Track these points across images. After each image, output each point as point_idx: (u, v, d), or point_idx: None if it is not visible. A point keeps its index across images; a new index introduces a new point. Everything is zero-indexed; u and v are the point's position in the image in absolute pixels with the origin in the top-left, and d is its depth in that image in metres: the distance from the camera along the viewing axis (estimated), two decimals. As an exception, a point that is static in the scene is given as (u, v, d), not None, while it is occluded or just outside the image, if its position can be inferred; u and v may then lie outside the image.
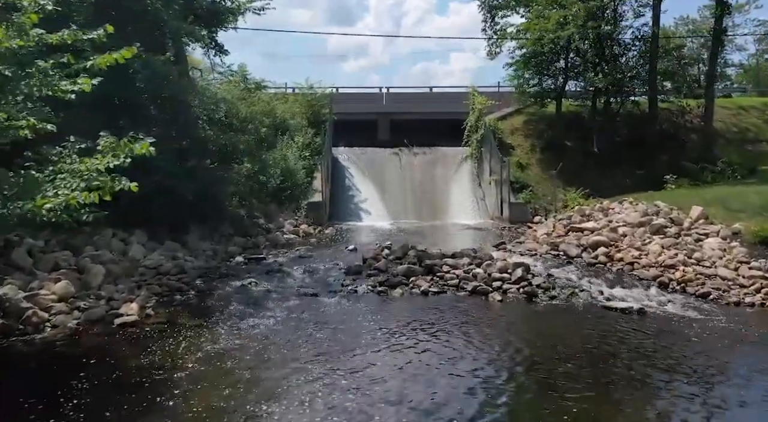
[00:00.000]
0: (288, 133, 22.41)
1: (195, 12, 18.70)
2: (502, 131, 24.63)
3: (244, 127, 15.34)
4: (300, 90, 25.52)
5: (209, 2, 20.18)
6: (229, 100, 14.84)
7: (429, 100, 30.29)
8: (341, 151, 26.52)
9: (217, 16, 22.47)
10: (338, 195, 23.26)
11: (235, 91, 15.85)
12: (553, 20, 20.67)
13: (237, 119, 14.97)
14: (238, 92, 15.02)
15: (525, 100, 24.45)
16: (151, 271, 10.43)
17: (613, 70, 20.82)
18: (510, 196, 19.62)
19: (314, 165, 21.29)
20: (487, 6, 27.15)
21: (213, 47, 24.19)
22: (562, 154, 23.29)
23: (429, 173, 25.05)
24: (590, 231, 13.16)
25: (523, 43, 22.55)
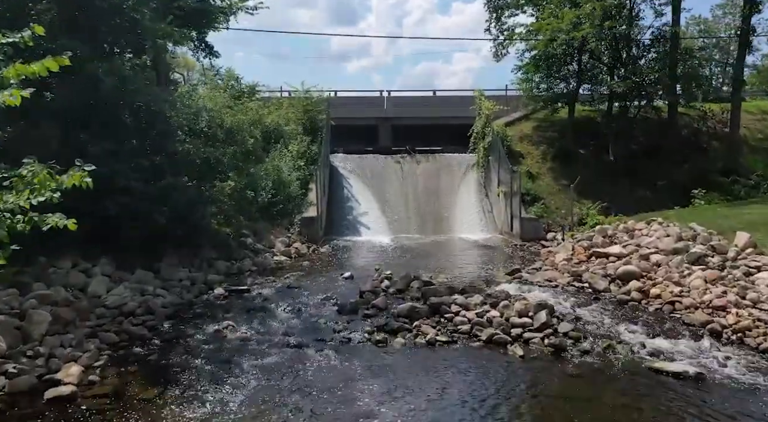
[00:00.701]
0: (282, 141, 20.94)
1: (176, 12, 17.25)
2: (510, 138, 23.12)
3: (230, 138, 13.84)
4: (295, 94, 24.01)
5: (195, 1, 18.75)
6: (213, 109, 13.33)
7: (432, 104, 28.78)
8: (340, 158, 25.04)
9: (206, 15, 21.09)
10: (336, 207, 21.77)
11: (220, 98, 14.35)
12: (567, 20, 19.15)
13: (222, 129, 13.47)
14: (223, 100, 13.55)
15: (535, 105, 22.90)
16: (111, 311, 8.95)
17: (632, 73, 19.28)
18: (521, 210, 18.10)
19: (309, 176, 19.80)
20: (492, 5, 25.65)
21: (202, 49, 22.89)
22: (575, 163, 21.76)
23: (433, 182, 23.55)
24: (616, 257, 11.65)
25: (532, 44, 21.00)
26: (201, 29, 21.27)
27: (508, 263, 13.75)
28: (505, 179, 20.19)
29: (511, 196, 18.93)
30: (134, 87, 10.66)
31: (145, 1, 12.19)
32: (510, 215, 18.94)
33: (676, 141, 21.89)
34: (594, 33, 18.77)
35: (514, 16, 25.52)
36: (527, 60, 23.53)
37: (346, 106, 28.00)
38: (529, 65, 22.71)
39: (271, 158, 19.04)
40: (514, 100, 26.88)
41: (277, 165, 18.63)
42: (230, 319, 9.03)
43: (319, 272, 12.98)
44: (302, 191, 18.99)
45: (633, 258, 11.28)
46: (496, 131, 21.83)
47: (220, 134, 13.40)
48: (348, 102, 28.36)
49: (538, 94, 22.34)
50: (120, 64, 10.38)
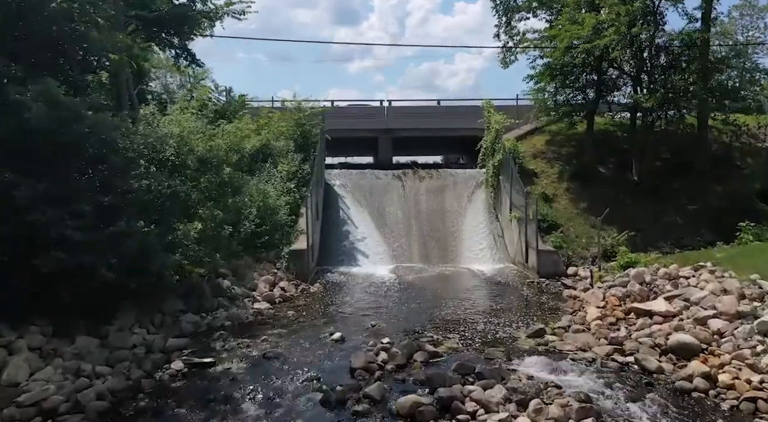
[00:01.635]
0: (270, 159, 18.92)
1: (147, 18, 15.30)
2: (522, 155, 21.06)
3: (204, 167, 11.83)
4: (289, 104, 21.95)
5: (171, 6, 16.78)
6: (182, 135, 11.32)
7: (436, 114, 26.75)
8: (336, 175, 23.07)
9: (187, 21, 19.16)
10: (330, 231, 19.76)
11: (192, 121, 12.31)
12: (588, 26, 17.09)
13: (193, 158, 11.45)
14: (194, 123, 11.55)
15: (552, 118, 20.83)
16: (26, 411, 6.93)
17: (661, 85, 17.20)
18: (537, 240, 16.02)
19: (300, 199, 17.77)
20: (501, 8, 23.63)
21: (184, 57, 20.93)
22: (594, 183, 19.74)
23: (437, 202, 21.53)
24: (662, 317, 9.60)
25: (548, 53, 18.94)
26: (182, 36, 19.38)
27: (528, 314, 11.70)
28: (518, 201, 18.15)
29: (525, 223, 16.87)
30: (72, 113, 8.64)
31: (98, 9, 10.20)
32: (524, 245, 16.88)
33: (706, 158, 19.81)
34: (618, 40, 16.68)
35: (525, 20, 23.54)
36: (540, 68, 21.54)
37: (343, 117, 26.00)
38: (543, 75, 20.66)
39: (257, 181, 17.03)
40: (525, 111, 24.85)
41: (263, 189, 16.62)
42: (182, 418, 7.01)
43: (304, 328, 10.94)
44: (292, 218, 16.95)
45: (685, 320, 9.23)
46: (507, 147, 19.78)
47: (191, 163, 11.37)
48: (346, 113, 26.36)
49: (554, 106, 20.22)
50: (53, 85, 8.34)
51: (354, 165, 25.88)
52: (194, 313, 11.05)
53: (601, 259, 15.76)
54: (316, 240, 18.01)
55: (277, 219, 16.21)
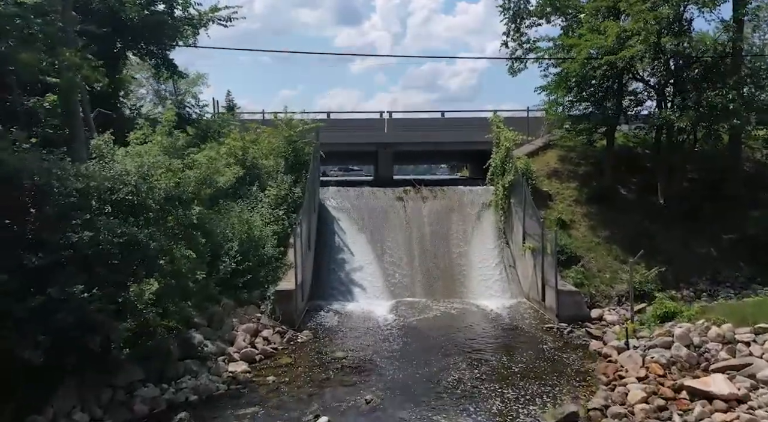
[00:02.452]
0: (257, 183, 17.10)
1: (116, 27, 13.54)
2: (536, 175, 19.20)
3: (169, 205, 10.01)
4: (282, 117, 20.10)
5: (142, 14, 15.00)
6: (140, 172, 9.49)
7: (440, 127, 24.92)
8: (331, 194, 21.26)
9: (166, 30, 17.46)
10: (324, 259, 17.93)
11: (152, 154, 10.43)
12: (611, 35, 15.26)
13: (156, 196, 9.64)
14: (153, 159, 9.72)
15: (567, 135, 18.99)
16: None
17: (695, 101, 15.33)
18: (556, 277, 14.14)
19: (290, 228, 15.95)
20: (510, 13, 21.80)
21: (165, 68, 19.22)
22: (615, 207, 17.89)
23: (442, 225, 19.69)
24: (725, 402, 7.76)
25: (565, 63, 17.09)
26: (160, 45, 17.64)
27: (553, 381, 9.84)
28: (532, 229, 16.31)
29: (542, 256, 15.00)
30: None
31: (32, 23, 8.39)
32: (541, 281, 15.02)
33: (740, 179, 17.95)
34: (645, 51, 14.84)
35: (536, 26, 21.71)
36: (552, 78, 19.74)
37: (341, 130, 24.27)
38: (557, 86, 18.82)
39: (241, 209, 15.22)
40: (536, 124, 23.04)
41: (247, 219, 14.81)
42: None
43: (284, 404, 9.09)
44: (280, 250, 15.13)
45: (758, 411, 7.37)
46: (519, 167, 17.93)
47: (153, 203, 9.56)
48: (343, 126, 24.64)
49: (570, 122, 18.36)
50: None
51: (351, 182, 24.04)
52: (155, 383, 9.24)
53: (629, 300, 13.90)
54: (307, 275, 16.18)
55: (262, 253, 14.41)
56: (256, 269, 14.04)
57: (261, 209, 16.09)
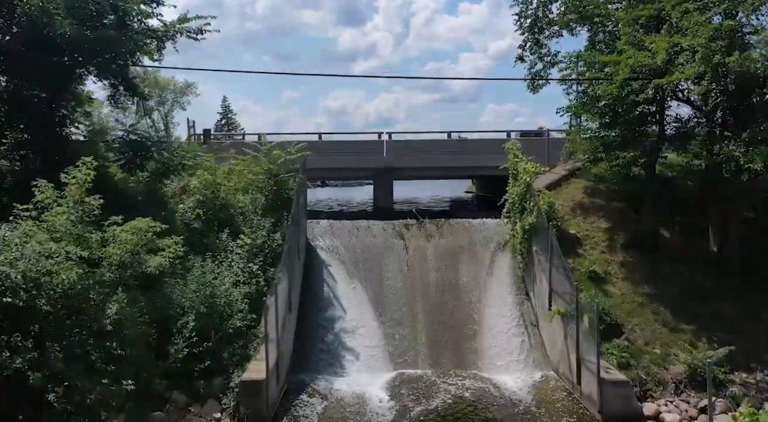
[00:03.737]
0: (228, 229, 14.23)
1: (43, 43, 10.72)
2: (559, 212, 16.29)
3: (70, 307, 7.13)
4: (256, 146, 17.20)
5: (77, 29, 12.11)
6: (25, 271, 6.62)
7: (446, 150, 21.98)
8: (322, 230, 18.43)
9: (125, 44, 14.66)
10: (309, 320, 15.04)
11: (46, 239, 7.49)
12: (660, 52, 12.36)
13: (51, 294, 6.76)
14: (47, 243, 6.88)
15: (602, 168, 16.06)
16: None
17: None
18: (598, 360, 11.13)
19: (266, 287, 13.07)
20: (527, 24, 18.93)
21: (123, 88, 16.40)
22: (658, 255, 14.98)
23: (449, 271, 16.80)
24: None
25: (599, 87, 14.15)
26: (106, 65, 14.80)
27: None
28: (559, 285, 13.40)
29: (576, 325, 12.03)
30: None
31: None
32: (575, 358, 12.03)
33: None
34: (704, 72, 11.92)
35: (558, 38, 18.86)
36: (577, 95, 16.91)
37: (334, 154, 21.41)
38: (583, 108, 15.94)
39: (203, 270, 12.33)
40: (554, 147, 20.17)
41: (210, 281, 11.92)
42: None
43: None
44: (252, 318, 12.23)
45: None
46: (541, 206, 15.01)
47: (46, 306, 6.69)
48: (336, 149, 21.74)
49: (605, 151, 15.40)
50: None
51: (345, 214, 21.19)
52: None
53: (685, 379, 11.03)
54: (287, 344, 13.26)
55: (227, 327, 11.53)
56: (219, 348, 11.18)
57: (231, 264, 13.23)
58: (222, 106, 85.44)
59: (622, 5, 16.41)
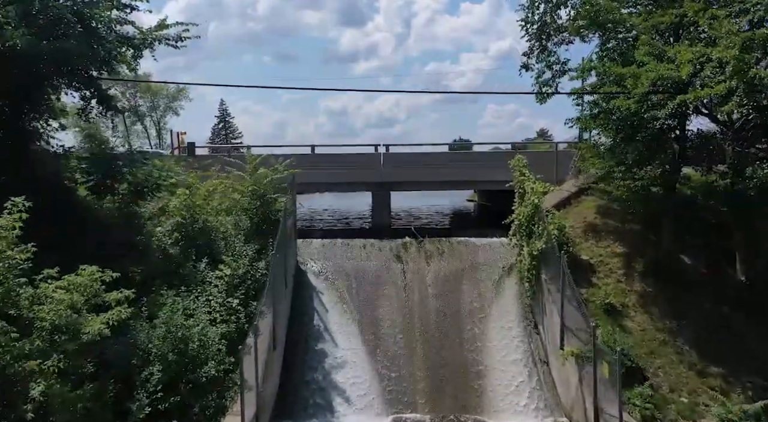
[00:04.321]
0: (206, 258, 12.90)
1: None
2: (570, 235, 14.98)
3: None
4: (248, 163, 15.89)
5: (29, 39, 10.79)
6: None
7: (446, 163, 20.65)
8: (314, 250, 17.22)
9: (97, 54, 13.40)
10: (297, 356, 13.76)
11: None
12: (684, 64, 11.06)
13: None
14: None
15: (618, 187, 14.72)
16: None
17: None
18: (620, 414, 9.82)
19: (247, 324, 11.75)
20: (534, 30, 17.64)
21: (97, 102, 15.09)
22: (680, 284, 13.64)
23: (450, 298, 15.53)
24: None
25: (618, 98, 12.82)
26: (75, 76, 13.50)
27: None
28: (573, 320, 12.09)
29: (594, 370, 10.70)
30: None
31: None
32: (593, 406, 10.70)
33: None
34: (736, 87, 10.61)
35: (568, 44, 17.57)
36: (587, 105, 15.63)
37: (327, 168, 20.12)
38: (594, 122, 14.65)
39: (173, 308, 11.00)
40: (564, 159, 18.87)
41: (182, 323, 10.59)
42: None
43: None
44: (231, 361, 10.87)
45: None
46: (551, 231, 13.69)
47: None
48: (330, 163, 20.43)
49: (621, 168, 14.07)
50: None
51: (339, 232, 19.84)
52: None
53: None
54: (270, 388, 11.96)
55: (200, 375, 10.19)
56: (190, 401, 9.86)
57: (208, 299, 11.92)
58: (219, 109, 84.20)
59: (637, 10, 15.17)
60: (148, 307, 11.08)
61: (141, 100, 42.67)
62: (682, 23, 13.03)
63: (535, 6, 17.12)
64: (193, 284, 12.31)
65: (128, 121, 43.85)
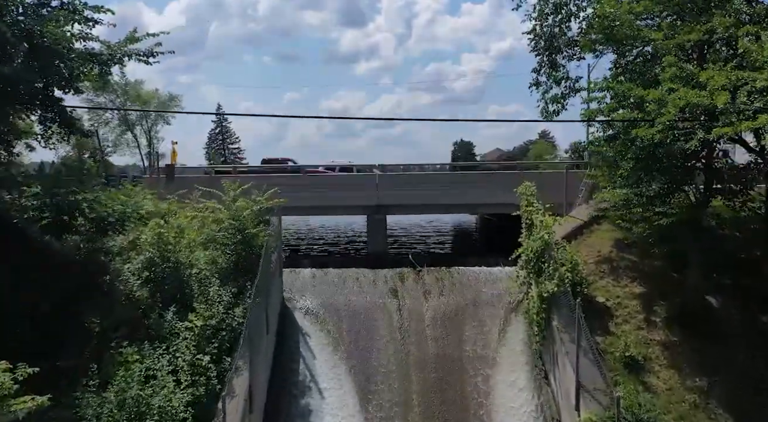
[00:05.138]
0: (173, 307, 11.42)
1: None
2: (583, 272, 13.47)
3: None
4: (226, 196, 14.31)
5: None
6: None
7: (447, 183, 19.20)
8: (303, 282, 16.02)
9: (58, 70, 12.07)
10: (281, 412, 12.25)
11: None
12: (723, 96, 9.58)
13: None
14: None
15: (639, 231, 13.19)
16: None
17: None
18: None
19: (220, 388, 10.27)
20: (544, 45, 16.19)
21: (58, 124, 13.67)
22: (710, 332, 12.15)
23: (451, 341, 14.23)
24: None
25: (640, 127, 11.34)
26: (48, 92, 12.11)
27: None
28: (590, 378, 10.65)
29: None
30: None
31: None
32: (615, 489, 9.27)
33: None
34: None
35: (579, 60, 16.13)
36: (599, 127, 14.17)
37: (318, 189, 18.66)
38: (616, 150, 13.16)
39: (136, 370, 9.54)
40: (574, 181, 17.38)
41: (140, 394, 9.12)
42: None
43: None
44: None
45: None
46: (563, 273, 12.20)
47: None
48: (322, 184, 18.98)
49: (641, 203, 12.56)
50: None
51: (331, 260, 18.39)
52: None
53: None
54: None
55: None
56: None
57: (176, 356, 10.46)
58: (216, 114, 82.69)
59: (654, 22, 13.71)
60: (103, 369, 9.67)
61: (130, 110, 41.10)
62: (710, 41, 11.57)
63: (543, 17, 15.66)
64: (159, 336, 10.88)
65: (118, 130, 42.44)
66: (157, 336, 10.82)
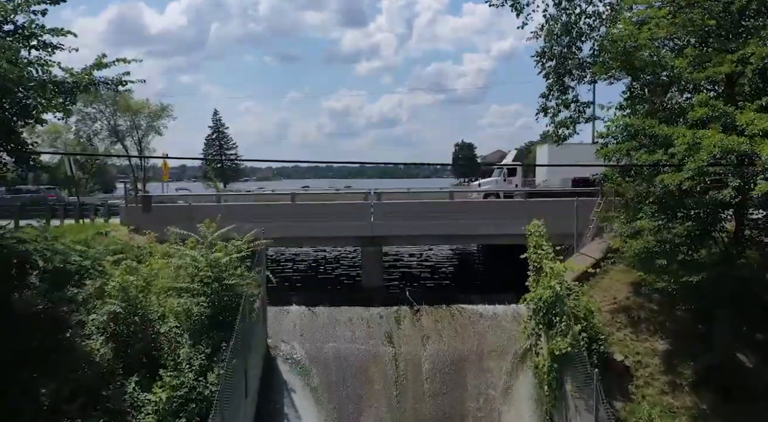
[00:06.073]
0: (137, 376, 10.07)
1: None
2: (597, 324, 12.09)
3: None
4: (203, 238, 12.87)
5: None
6: None
7: (448, 213, 17.83)
8: (289, 325, 14.87)
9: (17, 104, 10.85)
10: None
11: None
12: (765, 145, 8.25)
13: None
14: None
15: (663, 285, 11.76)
16: None
17: None
18: None
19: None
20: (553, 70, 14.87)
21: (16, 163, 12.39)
22: (744, 398, 10.77)
23: (452, 397, 13.01)
24: None
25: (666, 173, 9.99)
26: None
27: None
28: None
29: None
30: None
31: None
32: None
33: None
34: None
35: (590, 84, 14.81)
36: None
37: (310, 219, 17.34)
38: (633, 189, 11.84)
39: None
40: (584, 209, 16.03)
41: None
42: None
43: None
44: None
45: None
46: (576, 332, 10.85)
47: None
48: (313, 214, 17.61)
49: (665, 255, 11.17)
50: None
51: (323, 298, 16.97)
52: None
53: None
54: None
55: None
56: None
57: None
58: (213, 120, 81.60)
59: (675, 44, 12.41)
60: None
61: (120, 120, 39.91)
62: (742, 72, 10.25)
63: (554, 38, 14.33)
64: (119, 410, 9.55)
65: (107, 141, 41.15)
66: (116, 410, 9.51)
